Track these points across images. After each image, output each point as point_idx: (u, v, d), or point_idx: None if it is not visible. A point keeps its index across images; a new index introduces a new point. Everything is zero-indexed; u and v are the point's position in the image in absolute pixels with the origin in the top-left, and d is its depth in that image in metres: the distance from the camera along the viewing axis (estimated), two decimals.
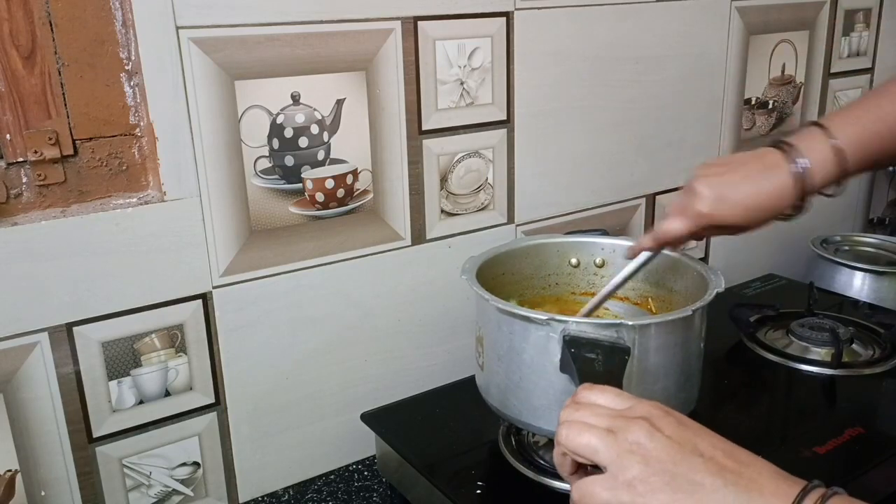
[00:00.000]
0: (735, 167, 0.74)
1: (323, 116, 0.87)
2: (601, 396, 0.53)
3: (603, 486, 0.48)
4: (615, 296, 0.89)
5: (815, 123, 0.73)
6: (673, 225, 0.75)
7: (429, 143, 0.95)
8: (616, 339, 0.69)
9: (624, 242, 0.91)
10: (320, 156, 0.88)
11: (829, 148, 0.71)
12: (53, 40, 0.72)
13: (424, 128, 0.94)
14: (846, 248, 1.39)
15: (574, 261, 0.92)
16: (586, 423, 0.51)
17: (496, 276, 0.86)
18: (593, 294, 0.93)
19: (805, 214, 0.74)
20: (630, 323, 0.70)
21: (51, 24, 0.71)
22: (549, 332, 0.70)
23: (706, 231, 0.75)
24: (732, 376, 1.01)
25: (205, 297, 0.83)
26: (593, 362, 0.67)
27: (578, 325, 0.70)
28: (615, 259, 0.92)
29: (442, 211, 0.99)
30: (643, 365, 0.71)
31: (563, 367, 0.70)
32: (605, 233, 0.95)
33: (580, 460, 0.51)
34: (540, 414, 0.74)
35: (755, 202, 0.72)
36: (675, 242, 0.77)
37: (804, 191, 0.71)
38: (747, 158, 0.74)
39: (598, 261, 0.92)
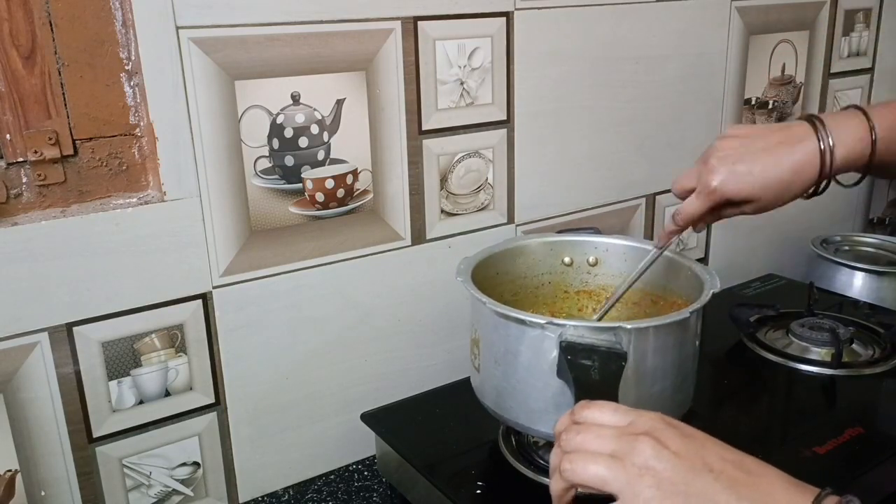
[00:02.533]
0: (756, 138, 0.70)
1: (323, 116, 0.87)
2: (600, 414, 0.51)
3: None
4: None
5: (857, 107, 0.70)
6: (689, 206, 0.73)
7: (429, 143, 0.95)
8: (613, 343, 0.69)
9: (616, 241, 0.91)
10: (320, 156, 0.88)
11: (864, 129, 0.68)
12: (53, 40, 0.72)
13: (424, 128, 0.94)
14: (846, 248, 1.39)
15: (567, 259, 0.92)
16: (589, 450, 0.49)
17: (490, 276, 0.86)
18: (587, 292, 0.93)
19: (819, 196, 0.72)
20: (628, 326, 0.69)
21: (51, 24, 0.71)
22: (546, 336, 0.70)
23: (723, 208, 0.73)
24: (732, 376, 1.01)
25: (205, 297, 0.83)
26: (589, 370, 0.67)
27: (576, 329, 0.69)
28: (608, 257, 0.92)
29: (442, 211, 0.99)
30: (641, 367, 0.71)
31: (560, 374, 0.70)
32: (597, 231, 0.95)
33: (589, 492, 0.49)
34: (537, 417, 0.74)
35: (773, 176, 0.68)
36: (696, 222, 0.75)
37: (825, 169, 0.68)
38: (772, 129, 0.71)
39: (591, 259, 0.92)
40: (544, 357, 0.71)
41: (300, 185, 0.87)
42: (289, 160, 0.86)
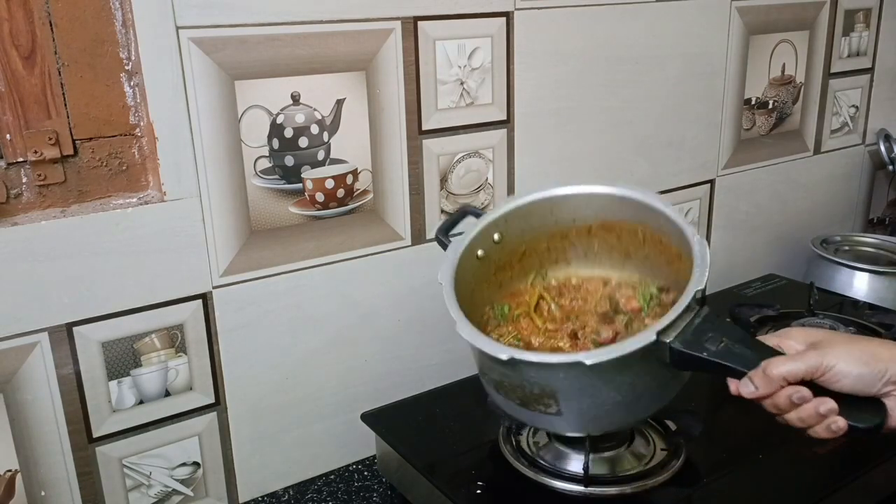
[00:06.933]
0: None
1: (323, 116, 0.87)
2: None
3: None
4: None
5: None
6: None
7: (429, 143, 0.95)
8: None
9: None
10: (320, 156, 0.88)
11: None
12: (53, 40, 0.72)
13: (424, 128, 0.94)
14: (846, 248, 1.39)
15: (497, 237, 0.83)
16: None
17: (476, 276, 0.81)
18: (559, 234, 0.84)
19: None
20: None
21: (51, 24, 0.71)
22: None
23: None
24: None
25: (205, 297, 0.83)
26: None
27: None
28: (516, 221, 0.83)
29: (442, 211, 0.99)
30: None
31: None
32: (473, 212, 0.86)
33: None
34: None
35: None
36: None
37: None
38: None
39: (479, 254, 0.82)
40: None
41: (300, 185, 0.87)
42: (289, 160, 0.86)
